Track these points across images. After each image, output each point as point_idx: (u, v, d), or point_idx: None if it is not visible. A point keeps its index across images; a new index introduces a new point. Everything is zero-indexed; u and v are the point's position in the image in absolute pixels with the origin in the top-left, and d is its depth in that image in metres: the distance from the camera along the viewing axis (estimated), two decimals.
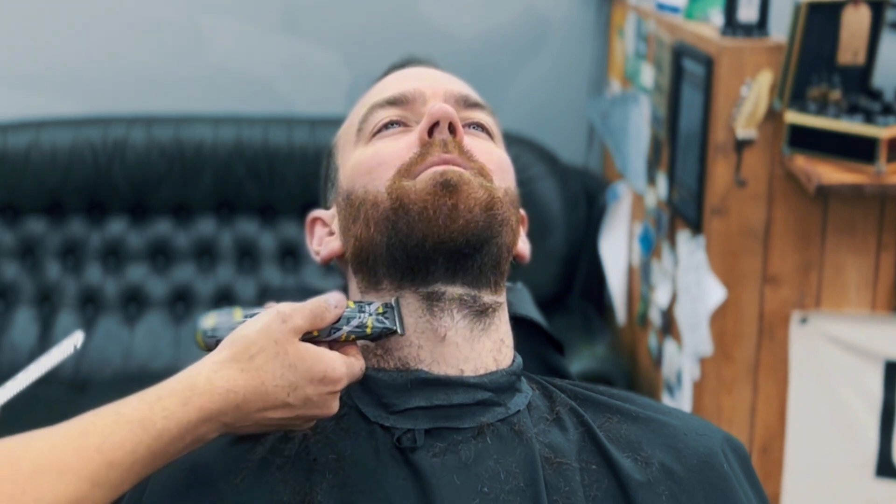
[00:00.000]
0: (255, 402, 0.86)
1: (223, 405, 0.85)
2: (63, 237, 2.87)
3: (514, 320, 1.06)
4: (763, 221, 2.06)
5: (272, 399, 0.87)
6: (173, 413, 0.82)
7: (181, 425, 0.83)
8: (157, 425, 0.82)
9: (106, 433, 0.80)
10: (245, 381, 0.86)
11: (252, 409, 0.86)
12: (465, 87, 1.09)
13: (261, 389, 0.86)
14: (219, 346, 0.89)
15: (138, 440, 0.81)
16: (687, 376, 2.21)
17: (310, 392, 0.89)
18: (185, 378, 0.86)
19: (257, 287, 2.89)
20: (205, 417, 0.84)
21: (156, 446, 0.81)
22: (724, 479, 0.98)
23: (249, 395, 0.86)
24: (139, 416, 0.82)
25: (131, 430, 0.81)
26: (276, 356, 0.88)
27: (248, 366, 0.87)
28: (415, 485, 0.91)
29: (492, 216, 0.97)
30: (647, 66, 2.46)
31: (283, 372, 0.87)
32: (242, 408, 0.86)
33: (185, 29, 2.98)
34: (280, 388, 0.87)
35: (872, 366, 2.07)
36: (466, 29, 3.01)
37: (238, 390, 0.85)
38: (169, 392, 0.84)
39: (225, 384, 0.85)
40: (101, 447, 0.79)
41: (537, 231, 1.62)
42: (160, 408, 0.82)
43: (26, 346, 2.80)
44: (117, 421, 0.81)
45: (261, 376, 0.86)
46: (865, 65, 2.02)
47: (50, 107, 2.95)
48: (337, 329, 0.93)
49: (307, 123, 2.88)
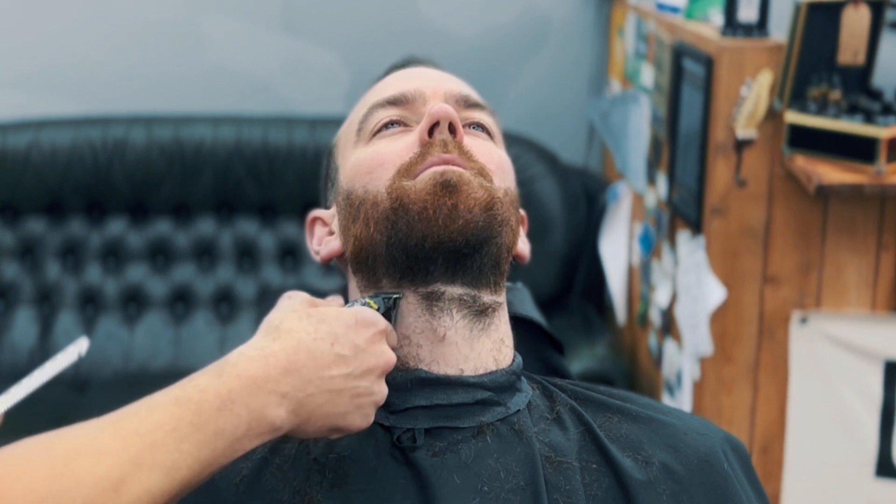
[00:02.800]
0: (302, 360, 0.83)
1: (267, 369, 0.81)
2: (63, 237, 2.87)
3: (514, 320, 1.06)
4: (763, 221, 2.06)
5: (319, 353, 0.84)
6: (209, 385, 0.79)
7: (220, 395, 0.79)
8: (192, 399, 0.78)
9: (143, 416, 0.77)
10: (281, 345, 0.83)
11: (305, 370, 0.83)
12: (465, 87, 1.09)
13: (301, 347, 0.83)
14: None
15: (178, 417, 0.77)
16: (687, 376, 2.21)
17: (353, 338, 0.86)
18: (216, 362, 0.83)
19: (257, 287, 2.89)
20: (249, 385, 0.80)
21: (200, 421, 0.77)
22: (725, 479, 0.98)
23: (292, 354, 0.82)
24: (173, 396, 0.79)
25: (167, 410, 0.77)
26: (301, 318, 0.86)
27: (277, 334, 0.84)
28: (415, 484, 0.91)
29: (491, 216, 0.97)
30: (647, 66, 2.46)
31: (315, 326, 0.85)
32: (292, 371, 0.82)
33: (184, 29, 2.98)
34: (321, 339, 0.84)
35: (872, 366, 2.07)
36: (466, 29, 3.01)
37: (277, 353, 0.82)
38: (201, 372, 0.81)
39: (260, 352, 0.82)
40: (139, 430, 0.76)
41: (537, 231, 1.62)
42: (192, 385, 0.79)
43: (26, 346, 2.80)
44: (151, 405, 0.78)
45: (295, 336, 0.84)
46: (865, 65, 2.02)
47: (50, 107, 2.95)
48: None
49: (307, 123, 2.88)
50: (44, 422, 2.77)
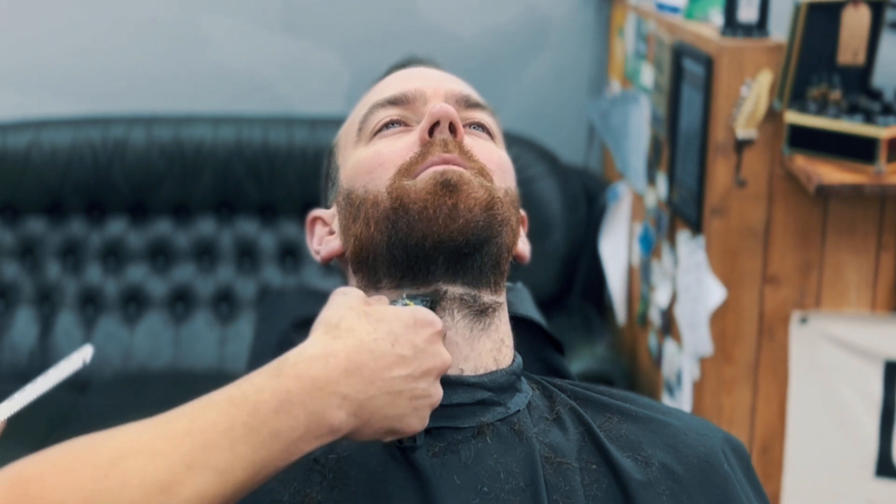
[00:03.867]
0: (364, 360, 0.80)
1: (327, 370, 0.78)
2: (63, 237, 2.87)
3: (514, 320, 1.06)
4: (763, 221, 2.06)
5: (380, 353, 0.81)
6: (266, 385, 0.76)
7: (278, 396, 0.76)
8: (249, 399, 0.75)
9: (195, 416, 0.74)
10: (342, 345, 0.80)
11: (367, 371, 0.80)
12: (465, 87, 1.09)
13: (363, 347, 0.81)
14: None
15: (231, 417, 0.74)
16: (687, 376, 2.21)
17: (412, 338, 0.84)
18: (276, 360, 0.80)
19: (257, 287, 2.89)
20: (308, 386, 0.77)
21: (255, 422, 0.74)
22: (725, 479, 0.98)
23: (353, 354, 0.80)
24: (227, 395, 0.76)
25: (221, 410, 0.74)
26: (360, 316, 0.84)
27: (337, 332, 0.82)
28: (415, 484, 0.91)
29: (492, 216, 0.97)
30: (647, 66, 2.46)
31: (375, 326, 0.83)
32: (354, 371, 0.79)
33: (185, 29, 2.98)
34: (381, 339, 0.82)
35: (872, 366, 2.07)
36: (466, 29, 3.01)
37: (338, 353, 0.79)
38: (259, 371, 0.78)
39: (321, 350, 0.79)
40: (190, 429, 0.73)
41: (537, 231, 1.62)
42: (249, 384, 0.76)
43: (26, 346, 2.80)
44: (205, 404, 0.75)
45: (355, 335, 0.81)
46: (865, 65, 2.02)
47: (50, 107, 2.95)
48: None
49: (307, 123, 2.88)
50: (44, 422, 2.78)
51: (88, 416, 2.54)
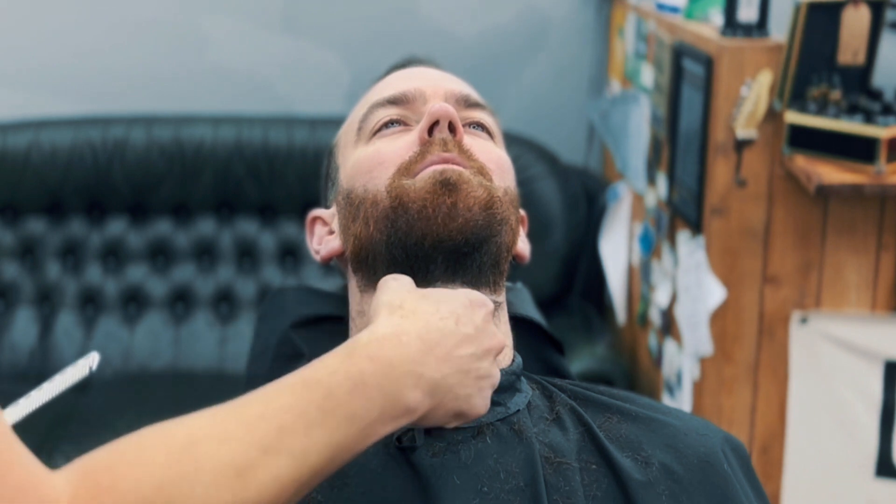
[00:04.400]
0: (435, 339, 0.80)
1: (401, 349, 0.78)
2: (63, 237, 2.87)
3: (514, 320, 1.06)
4: (763, 221, 2.06)
5: (448, 332, 0.82)
6: (339, 367, 0.75)
7: (352, 377, 0.75)
8: (322, 382, 0.74)
9: (269, 399, 0.73)
10: (411, 324, 0.81)
11: (439, 349, 0.80)
12: (465, 86, 1.09)
13: (430, 326, 0.81)
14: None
15: (306, 400, 0.72)
16: (687, 376, 2.21)
17: (474, 317, 0.85)
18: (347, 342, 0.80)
19: (257, 287, 2.89)
20: (383, 367, 0.76)
21: (330, 405, 0.73)
22: (724, 479, 0.98)
23: (423, 334, 0.80)
24: (301, 377, 0.75)
25: (295, 392, 0.73)
26: (420, 298, 0.85)
27: (403, 312, 0.82)
28: (415, 485, 0.91)
29: (491, 215, 0.97)
30: (647, 66, 2.46)
31: (437, 307, 0.84)
32: (427, 350, 0.79)
33: (185, 29, 2.98)
34: (445, 318, 0.83)
35: (872, 366, 2.07)
36: (466, 29, 3.01)
37: (409, 332, 0.80)
38: (332, 354, 0.78)
39: (392, 330, 0.79)
40: (264, 413, 0.72)
41: (537, 231, 1.62)
42: (322, 366, 0.76)
43: (26, 346, 2.80)
44: (279, 388, 0.74)
45: (422, 316, 0.82)
46: (865, 65, 2.02)
47: (50, 107, 2.95)
48: None
49: (307, 123, 2.88)
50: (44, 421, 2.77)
51: (88, 416, 2.54)
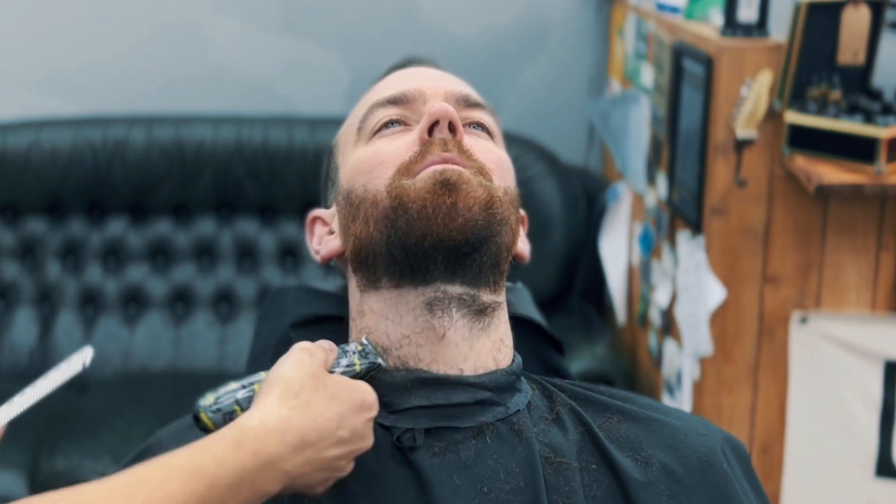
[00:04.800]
0: (312, 439, 0.84)
1: (280, 447, 0.82)
2: (63, 237, 2.87)
3: (514, 320, 1.06)
4: (763, 221, 2.06)
5: (326, 434, 0.85)
6: (224, 459, 0.79)
7: (234, 472, 0.79)
8: (208, 472, 0.78)
9: (157, 483, 0.77)
10: (298, 419, 0.84)
11: (311, 450, 0.84)
12: (465, 86, 1.09)
13: (314, 426, 0.84)
14: (261, 393, 0.86)
15: (190, 490, 0.77)
16: (687, 376, 2.21)
17: (355, 422, 0.88)
18: (236, 425, 0.83)
19: (257, 287, 2.89)
20: (262, 462, 0.81)
21: (210, 495, 0.78)
22: (724, 479, 0.98)
23: (306, 432, 0.84)
24: (190, 463, 0.79)
25: (182, 481, 0.77)
26: (317, 389, 0.86)
27: (296, 402, 0.85)
28: (415, 484, 0.91)
29: (491, 215, 0.97)
30: (647, 66, 2.46)
31: (328, 403, 0.86)
32: (301, 449, 0.83)
33: (185, 29, 2.98)
34: (330, 420, 0.86)
35: (872, 366, 2.07)
36: (466, 29, 3.01)
37: (293, 429, 0.83)
38: (220, 439, 0.81)
39: (279, 423, 0.83)
40: (151, 499, 0.76)
41: (537, 231, 1.62)
42: (210, 454, 0.80)
43: (26, 346, 2.80)
44: (168, 470, 0.78)
45: (311, 412, 0.85)
46: (865, 65, 2.02)
47: (50, 107, 2.95)
48: (332, 371, 0.93)
49: (307, 123, 2.88)
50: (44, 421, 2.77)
51: (88, 416, 2.54)
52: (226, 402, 0.89)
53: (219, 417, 0.89)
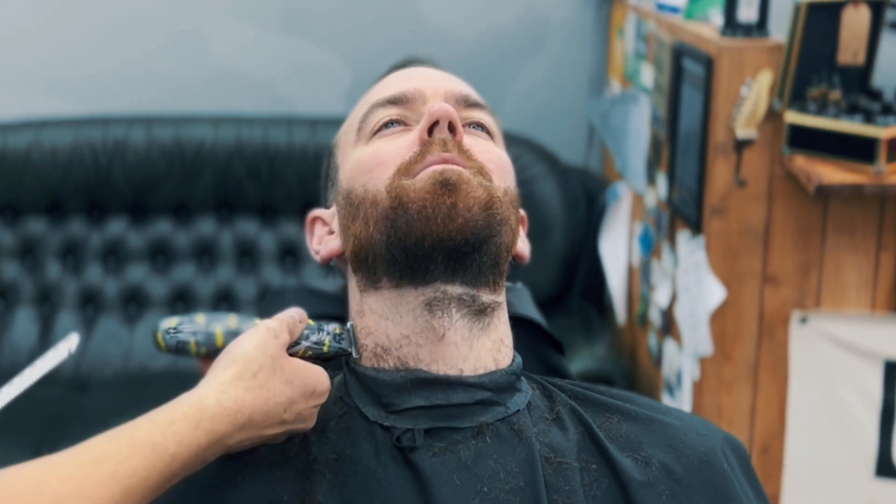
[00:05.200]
0: (258, 420, 0.88)
1: (230, 427, 0.86)
2: (63, 237, 2.87)
3: (514, 320, 1.06)
4: (763, 221, 2.06)
5: (272, 416, 0.89)
6: (185, 438, 0.83)
7: (191, 449, 0.83)
8: (169, 451, 0.82)
9: (121, 459, 0.80)
10: (252, 401, 0.87)
11: (253, 428, 0.88)
12: (465, 86, 1.09)
13: (264, 407, 0.88)
14: (219, 364, 0.89)
15: (152, 466, 0.81)
16: (687, 376, 2.21)
17: (301, 407, 0.91)
18: (194, 401, 0.86)
19: (257, 287, 2.89)
20: (213, 440, 0.85)
21: (167, 471, 0.82)
22: (724, 479, 0.98)
23: (254, 414, 0.87)
24: (152, 440, 0.82)
25: (144, 457, 0.81)
26: (275, 371, 0.89)
27: (252, 384, 0.88)
28: (414, 484, 0.91)
29: (491, 215, 0.97)
30: (647, 66, 2.46)
31: (282, 387, 0.89)
32: (246, 427, 0.87)
33: (185, 29, 2.98)
34: (279, 404, 0.89)
35: (872, 366, 2.07)
36: (466, 29, 3.01)
37: (244, 410, 0.86)
38: (181, 416, 0.84)
39: (233, 405, 0.86)
40: (115, 474, 0.80)
41: (537, 231, 1.62)
42: (172, 432, 0.83)
43: (26, 346, 2.80)
44: (131, 446, 0.81)
45: (264, 394, 0.88)
46: (865, 65, 2.02)
47: (50, 107, 2.95)
48: (297, 343, 0.96)
49: (307, 123, 2.88)
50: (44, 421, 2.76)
51: (88, 416, 2.54)
52: (184, 333, 0.94)
53: (172, 343, 0.94)
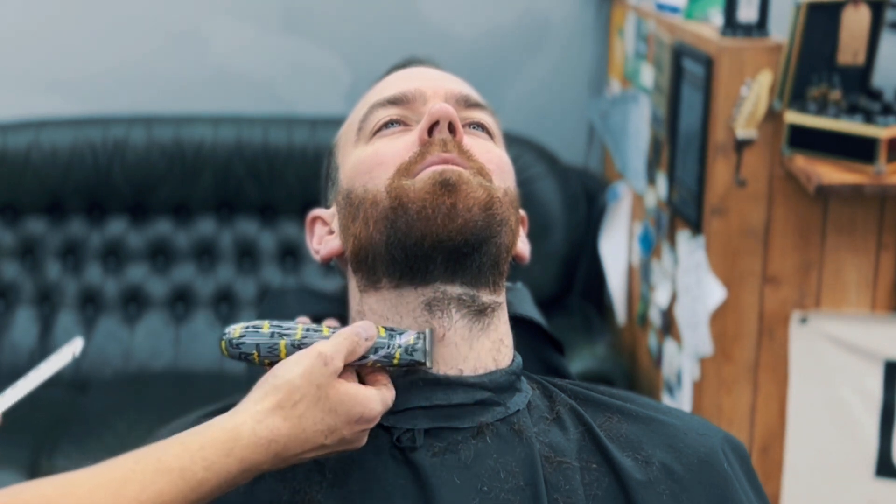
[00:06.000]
0: (294, 448, 0.86)
1: (264, 455, 0.84)
2: (63, 237, 2.87)
3: (514, 320, 1.06)
4: (763, 221, 2.06)
5: (310, 443, 0.87)
6: (214, 464, 0.82)
7: (220, 476, 0.82)
8: (197, 476, 0.81)
9: (147, 482, 0.79)
10: (288, 430, 0.85)
11: (290, 455, 0.86)
12: (465, 86, 1.09)
13: (301, 437, 0.86)
14: (261, 389, 0.87)
15: (178, 491, 0.80)
16: (687, 376, 2.21)
17: (346, 433, 0.88)
18: (229, 426, 0.84)
19: (257, 287, 2.89)
20: (245, 468, 0.83)
21: (193, 496, 0.81)
22: (724, 479, 0.98)
23: (290, 442, 0.85)
24: (180, 464, 0.81)
25: (171, 482, 0.80)
26: (318, 401, 0.87)
27: (290, 413, 0.86)
28: (414, 484, 0.91)
29: (490, 216, 0.97)
30: (647, 66, 2.46)
31: (324, 416, 0.87)
32: (281, 455, 0.85)
33: (185, 29, 2.98)
34: (319, 432, 0.87)
35: (872, 366, 2.07)
36: (466, 29, 3.01)
37: (280, 440, 0.85)
38: (211, 441, 0.83)
39: (268, 434, 0.84)
40: (139, 497, 0.78)
41: (537, 231, 1.62)
42: (201, 457, 0.82)
43: (26, 346, 2.80)
44: (158, 469, 0.80)
45: (302, 424, 0.86)
46: (865, 65, 2.02)
47: (50, 107, 2.95)
48: (364, 357, 0.92)
49: (307, 123, 2.88)
50: (44, 421, 2.77)
51: (88, 416, 2.54)
52: (247, 345, 0.92)
53: (235, 354, 0.93)
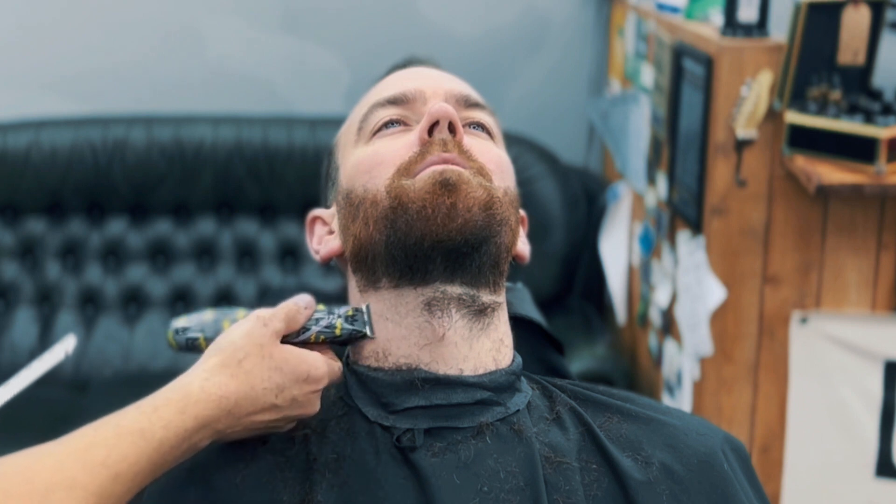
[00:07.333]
0: (245, 405, 0.89)
1: (216, 412, 0.87)
2: (63, 237, 2.87)
3: (514, 320, 1.06)
4: (763, 221, 2.06)
5: (261, 402, 0.90)
6: (171, 422, 0.85)
7: (178, 434, 0.85)
8: (156, 435, 0.84)
9: (111, 446, 0.82)
10: (236, 387, 0.88)
11: (243, 413, 0.89)
12: (465, 86, 1.09)
13: (251, 394, 0.89)
14: (206, 353, 0.91)
15: (140, 451, 0.83)
16: (687, 376, 2.21)
17: (295, 392, 0.91)
18: (179, 387, 0.88)
19: (257, 287, 2.89)
20: (200, 425, 0.86)
21: (156, 456, 0.84)
22: (724, 479, 0.98)
23: (241, 399, 0.89)
24: (139, 426, 0.84)
25: (133, 442, 0.83)
26: (263, 359, 0.90)
27: (237, 371, 0.89)
28: (414, 484, 0.91)
29: (490, 216, 0.97)
30: (647, 66, 2.46)
31: (270, 374, 0.90)
32: (234, 412, 0.88)
33: (185, 29, 2.98)
34: (268, 390, 0.90)
35: (872, 366, 2.07)
36: (466, 29, 3.01)
37: (230, 396, 0.88)
38: (164, 402, 0.86)
39: (217, 390, 0.88)
40: (105, 461, 0.81)
41: (537, 231, 1.62)
42: (157, 418, 0.85)
43: (26, 346, 2.80)
44: (119, 433, 0.83)
45: (250, 380, 0.89)
46: (865, 65, 2.02)
47: (50, 107, 2.95)
48: (306, 329, 0.96)
49: (307, 123, 2.88)
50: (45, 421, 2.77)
51: (88, 416, 2.53)
52: (193, 330, 0.97)
53: (182, 341, 0.98)
